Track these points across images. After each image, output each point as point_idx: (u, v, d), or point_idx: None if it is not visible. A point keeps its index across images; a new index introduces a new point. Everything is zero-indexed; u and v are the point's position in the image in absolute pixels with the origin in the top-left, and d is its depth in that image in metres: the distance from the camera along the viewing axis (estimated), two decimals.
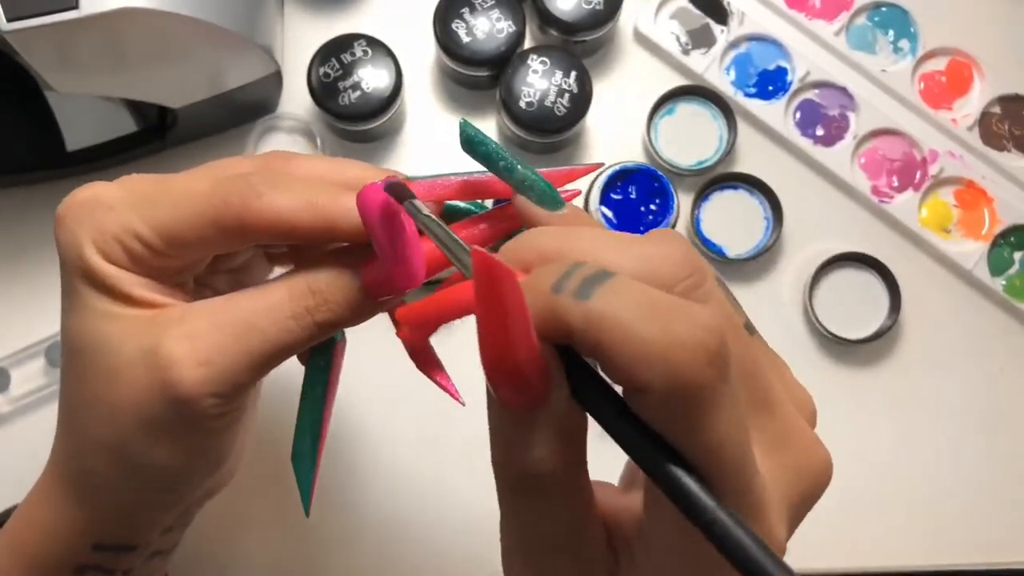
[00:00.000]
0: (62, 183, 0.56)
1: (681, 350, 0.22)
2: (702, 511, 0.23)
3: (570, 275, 0.24)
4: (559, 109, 0.54)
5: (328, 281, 0.32)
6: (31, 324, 0.54)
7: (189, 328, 0.32)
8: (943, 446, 0.56)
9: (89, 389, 0.33)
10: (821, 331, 0.56)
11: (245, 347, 0.32)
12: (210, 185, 0.32)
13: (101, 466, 0.34)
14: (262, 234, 0.32)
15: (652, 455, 0.24)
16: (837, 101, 0.59)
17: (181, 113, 0.53)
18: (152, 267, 0.33)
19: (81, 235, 0.32)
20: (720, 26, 0.59)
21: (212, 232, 0.32)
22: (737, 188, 0.57)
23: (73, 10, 0.42)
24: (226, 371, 0.32)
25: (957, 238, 0.58)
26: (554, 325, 0.23)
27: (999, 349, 0.58)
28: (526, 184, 0.31)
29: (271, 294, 0.33)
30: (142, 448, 0.33)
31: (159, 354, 0.31)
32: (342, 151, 0.57)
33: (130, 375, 0.32)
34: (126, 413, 0.33)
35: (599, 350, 0.23)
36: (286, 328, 0.32)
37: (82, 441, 0.35)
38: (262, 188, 0.32)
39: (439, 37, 0.55)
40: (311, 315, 0.32)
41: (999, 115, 0.59)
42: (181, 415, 0.32)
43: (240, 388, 0.32)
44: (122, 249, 0.32)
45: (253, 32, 0.49)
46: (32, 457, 0.39)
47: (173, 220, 0.32)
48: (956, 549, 0.56)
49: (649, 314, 0.23)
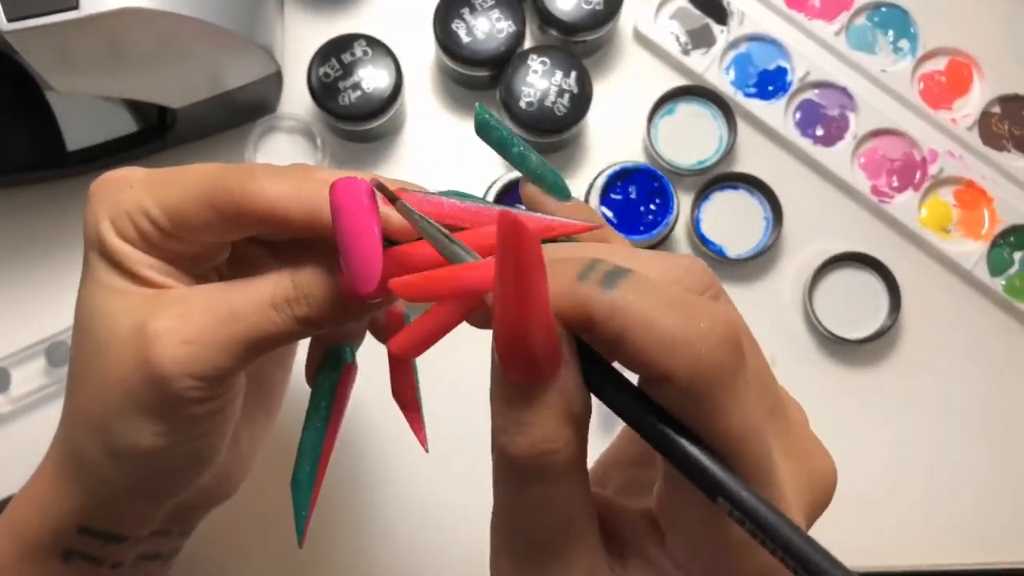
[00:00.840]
0: (62, 183, 0.56)
1: (704, 339, 0.23)
2: (726, 489, 0.23)
3: (593, 268, 0.24)
4: (559, 109, 0.54)
5: (308, 275, 0.33)
6: (31, 324, 0.54)
7: (180, 309, 0.32)
8: (943, 446, 0.56)
9: (85, 363, 0.34)
10: (821, 331, 0.56)
11: (228, 332, 0.32)
12: (217, 169, 0.33)
13: (87, 443, 0.35)
14: (252, 218, 0.32)
15: (671, 440, 0.24)
16: (837, 101, 0.59)
17: (181, 113, 0.53)
18: (163, 249, 0.34)
19: (100, 211, 0.33)
20: (720, 26, 0.59)
21: (210, 213, 0.32)
22: (737, 188, 0.57)
23: (73, 10, 0.42)
24: (207, 353, 0.32)
25: (957, 238, 0.58)
26: (577, 310, 0.24)
27: (999, 349, 0.58)
28: (538, 172, 0.32)
29: (258, 284, 0.33)
30: (123, 426, 0.33)
31: (146, 330, 0.32)
32: (342, 151, 0.57)
33: (120, 350, 0.33)
34: (113, 389, 0.33)
35: (622, 338, 0.23)
36: (267, 317, 0.32)
37: (74, 417, 0.35)
38: (259, 174, 0.32)
39: (439, 37, 0.55)
40: (291, 307, 0.33)
41: (999, 115, 0.59)
42: (160, 393, 0.32)
43: (222, 373, 0.33)
44: (133, 226, 0.33)
45: (253, 32, 0.49)
46: (33, 457, 0.39)
47: (178, 200, 0.33)
48: (956, 549, 0.56)
49: (672, 305, 0.23)
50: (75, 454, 0.36)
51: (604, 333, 0.24)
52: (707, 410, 0.23)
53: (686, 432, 0.24)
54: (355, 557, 0.54)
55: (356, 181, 0.30)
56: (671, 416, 0.24)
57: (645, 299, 0.23)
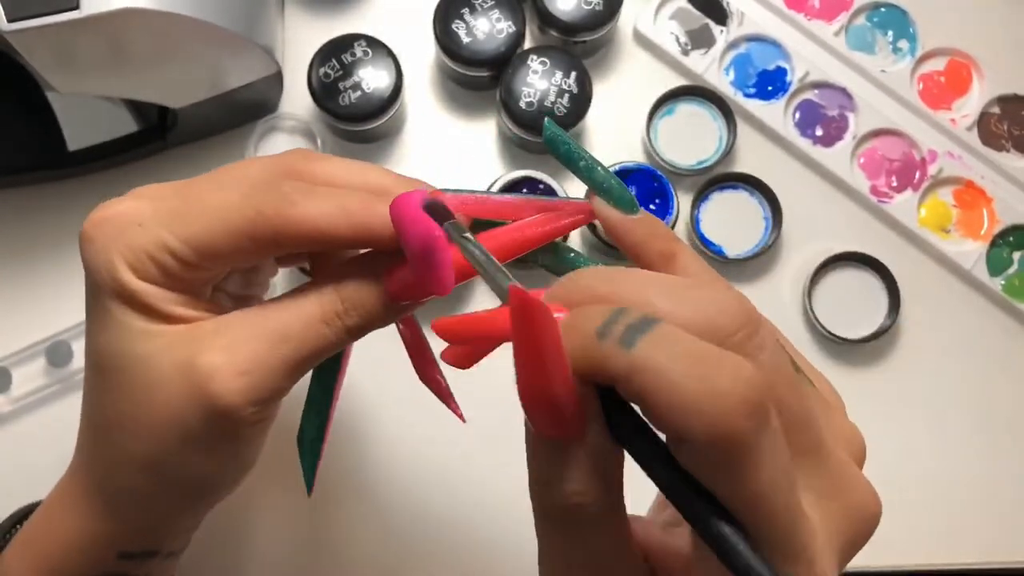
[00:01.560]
0: (63, 183, 0.56)
1: (721, 403, 0.22)
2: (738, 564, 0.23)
3: (615, 320, 0.24)
4: (559, 109, 0.54)
5: (356, 288, 0.33)
6: (32, 324, 0.54)
7: (225, 340, 0.32)
8: (942, 446, 0.56)
9: (123, 406, 0.34)
10: (820, 331, 0.56)
11: (281, 355, 0.32)
12: (240, 196, 0.33)
13: (138, 482, 0.35)
14: (297, 243, 0.32)
15: (692, 502, 0.24)
16: (836, 101, 0.59)
17: (182, 113, 0.53)
18: (183, 281, 0.33)
19: (112, 253, 0.33)
20: (719, 26, 0.59)
21: (247, 243, 0.32)
22: (737, 188, 0.57)
23: (74, 10, 0.42)
24: (264, 379, 0.32)
25: (956, 238, 0.58)
26: (598, 370, 0.24)
27: (998, 349, 0.58)
28: (604, 186, 0.33)
29: (302, 302, 0.33)
30: (180, 460, 0.34)
31: (197, 367, 0.32)
32: (342, 151, 0.57)
33: (168, 390, 0.32)
34: (164, 428, 0.33)
35: (641, 399, 0.23)
36: (319, 334, 0.33)
37: (115, 458, 0.35)
38: (296, 197, 0.32)
39: (439, 37, 0.55)
40: (341, 320, 0.33)
41: (998, 115, 0.60)
42: (222, 426, 0.32)
43: (277, 394, 0.33)
44: (155, 265, 0.33)
45: (253, 32, 0.50)
46: (33, 457, 0.39)
47: (207, 233, 0.32)
48: (955, 549, 0.56)
49: (692, 366, 0.23)
50: (118, 489, 0.36)
51: (625, 391, 0.24)
52: (725, 474, 0.23)
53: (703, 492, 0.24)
54: (355, 550, 0.54)
55: (409, 197, 0.31)
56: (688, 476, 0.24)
57: (665, 358, 0.23)
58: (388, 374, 0.51)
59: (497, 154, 0.58)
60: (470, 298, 0.56)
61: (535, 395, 0.24)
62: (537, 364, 0.24)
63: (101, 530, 0.36)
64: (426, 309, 0.35)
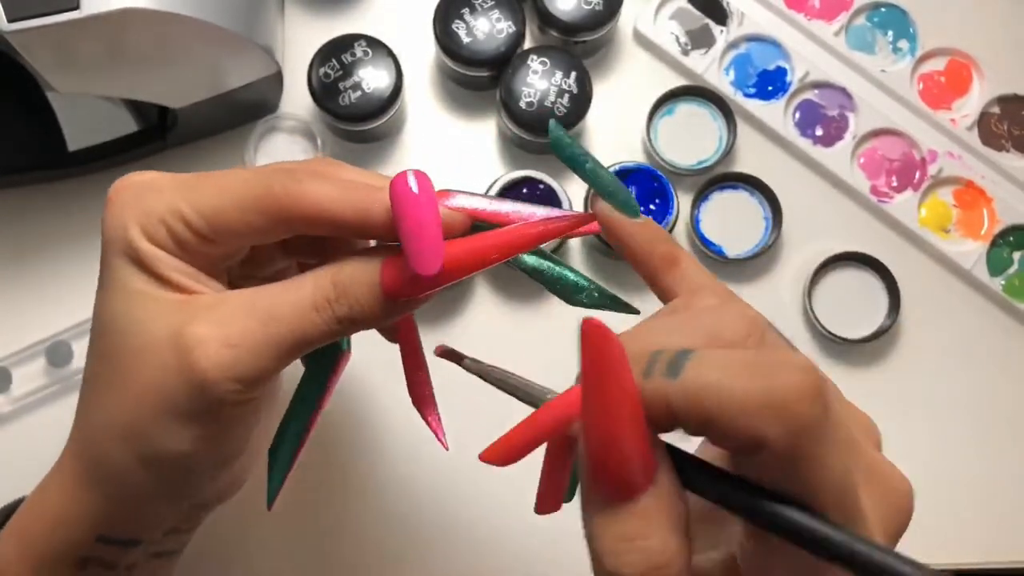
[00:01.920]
0: (63, 183, 0.56)
1: (787, 395, 0.22)
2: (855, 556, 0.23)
3: (655, 361, 0.24)
4: (559, 109, 0.54)
5: (349, 274, 0.33)
6: (32, 324, 0.54)
7: (217, 313, 0.33)
8: (942, 446, 0.56)
9: (113, 369, 0.34)
10: (820, 331, 0.56)
11: (269, 334, 0.33)
12: (253, 174, 0.34)
13: (116, 450, 0.34)
14: (301, 220, 0.33)
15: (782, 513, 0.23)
16: (836, 101, 0.59)
17: (182, 113, 0.53)
18: (194, 253, 0.34)
19: (128, 215, 0.33)
20: (719, 26, 0.59)
21: (255, 217, 0.33)
22: (736, 188, 0.57)
23: (74, 10, 0.42)
24: (249, 355, 0.32)
25: (956, 238, 0.58)
26: (655, 409, 0.23)
27: (998, 349, 0.58)
28: (608, 190, 0.32)
29: (297, 285, 0.34)
30: (159, 433, 0.33)
31: (184, 335, 0.32)
32: (342, 151, 0.57)
33: (155, 356, 0.33)
34: (147, 395, 0.33)
35: (707, 420, 0.23)
36: (308, 319, 0.33)
37: (99, 424, 0.35)
38: (303, 177, 0.33)
39: (439, 37, 0.55)
40: (331, 307, 0.33)
41: (998, 115, 0.60)
42: (201, 398, 0.32)
43: (262, 375, 0.33)
44: (167, 231, 0.33)
45: (253, 32, 0.50)
46: (33, 457, 0.39)
47: (219, 204, 0.33)
48: (956, 549, 0.56)
49: (745, 371, 0.23)
50: (99, 462, 0.35)
51: (689, 420, 0.23)
52: (805, 467, 0.23)
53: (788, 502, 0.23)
54: (357, 553, 0.54)
55: (408, 173, 0.32)
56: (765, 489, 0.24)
57: (717, 373, 0.23)
58: (388, 374, 0.50)
59: (497, 154, 0.58)
60: (470, 299, 0.56)
61: (606, 442, 0.23)
62: (610, 401, 0.23)
63: (83, 506, 0.36)
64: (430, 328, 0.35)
